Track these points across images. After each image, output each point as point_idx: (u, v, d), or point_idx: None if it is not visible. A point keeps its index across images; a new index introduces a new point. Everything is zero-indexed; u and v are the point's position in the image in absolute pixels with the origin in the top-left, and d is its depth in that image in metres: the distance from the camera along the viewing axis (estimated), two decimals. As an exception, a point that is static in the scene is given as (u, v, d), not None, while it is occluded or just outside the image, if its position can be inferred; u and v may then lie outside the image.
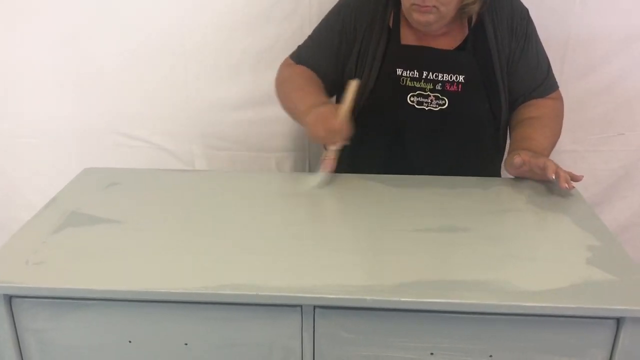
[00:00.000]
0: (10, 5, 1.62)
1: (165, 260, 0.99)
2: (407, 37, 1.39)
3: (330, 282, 0.92)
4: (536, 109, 1.42)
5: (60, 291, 0.94)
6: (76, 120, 1.73)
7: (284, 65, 1.50)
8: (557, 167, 1.21)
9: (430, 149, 1.40)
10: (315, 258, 1.00)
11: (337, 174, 1.36)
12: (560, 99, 1.46)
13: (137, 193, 1.24)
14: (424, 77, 1.36)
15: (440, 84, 1.36)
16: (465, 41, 1.39)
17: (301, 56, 1.47)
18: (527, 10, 1.41)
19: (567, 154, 1.71)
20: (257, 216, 1.15)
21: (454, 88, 1.37)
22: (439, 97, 1.36)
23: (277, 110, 1.73)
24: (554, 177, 1.21)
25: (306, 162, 1.77)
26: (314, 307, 0.93)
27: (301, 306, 0.93)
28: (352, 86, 1.27)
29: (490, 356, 0.94)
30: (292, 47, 1.66)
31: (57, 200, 1.20)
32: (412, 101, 1.36)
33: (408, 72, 1.37)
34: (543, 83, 1.44)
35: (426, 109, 1.36)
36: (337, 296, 0.90)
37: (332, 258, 1.00)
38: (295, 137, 1.75)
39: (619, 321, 0.91)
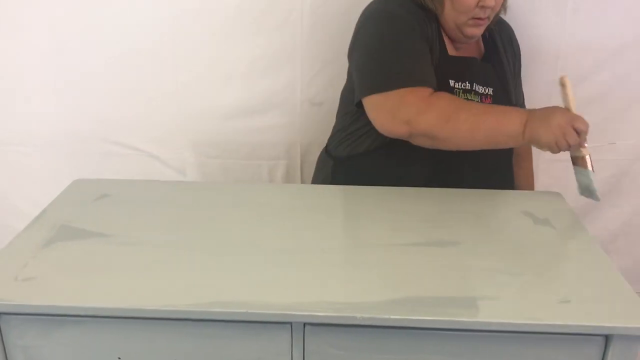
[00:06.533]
0: (-2, 13, 1.61)
1: (155, 277, 0.98)
2: (450, 48, 1.34)
3: (320, 298, 0.92)
4: None
5: (49, 308, 0.93)
6: (66, 128, 1.72)
7: (425, 98, 1.22)
8: None
9: (477, 163, 1.35)
10: (306, 273, 1.00)
11: (327, 185, 1.36)
12: None
13: (128, 205, 1.23)
14: (474, 89, 1.33)
15: (479, 97, 1.34)
16: (485, 53, 1.39)
17: (425, 80, 1.25)
18: None
19: (559, 164, 1.70)
20: (248, 230, 1.14)
21: (488, 100, 1.35)
22: None
23: (268, 119, 1.73)
24: None
25: (298, 170, 1.77)
26: (304, 324, 0.93)
27: (291, 323, 0.93)
28: (567, 80, 1.22)
29: (480, 372, 0.95)
30: (285, 56, 1.65)
31: (47, 212, 1.20)
32: None
33: (460, 83, 1.31)
34: (523, 100, 1.54)
35: None
36: (328, 314, 0.90)
37: (322, 273, 1.00)
38: (287, 145, 1.75)
39: (607, 338, 0.91)
